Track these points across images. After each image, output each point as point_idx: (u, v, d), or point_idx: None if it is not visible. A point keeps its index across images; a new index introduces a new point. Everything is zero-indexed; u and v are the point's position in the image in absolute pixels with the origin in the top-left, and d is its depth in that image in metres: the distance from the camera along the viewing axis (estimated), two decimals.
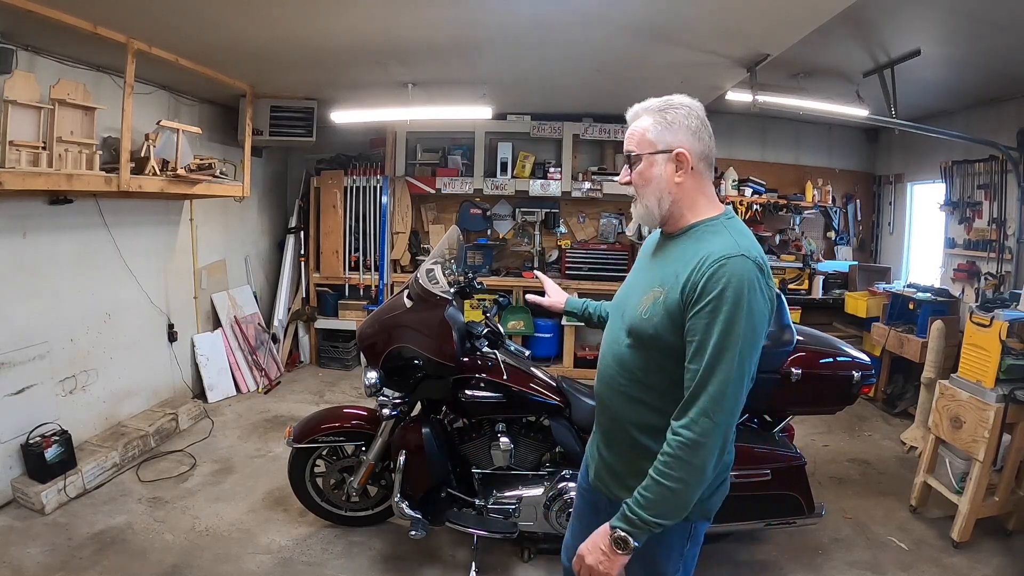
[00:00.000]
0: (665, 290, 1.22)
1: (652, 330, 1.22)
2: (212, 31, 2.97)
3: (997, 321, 2.72)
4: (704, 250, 1.18)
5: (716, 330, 1.11)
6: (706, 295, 1.13)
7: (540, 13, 2.69)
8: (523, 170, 5.43)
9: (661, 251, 1.35)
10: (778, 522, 2.46)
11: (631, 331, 1.29)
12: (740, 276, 1.12)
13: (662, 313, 1.21)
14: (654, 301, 1.24)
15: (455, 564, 2.62)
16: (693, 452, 1.12)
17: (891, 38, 3.32)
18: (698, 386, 1.13)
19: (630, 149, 1.31)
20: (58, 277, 3.28)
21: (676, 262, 1.24)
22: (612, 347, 1.37)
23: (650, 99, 1.32)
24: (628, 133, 1.33)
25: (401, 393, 2.52)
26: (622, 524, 1.17)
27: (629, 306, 1.34)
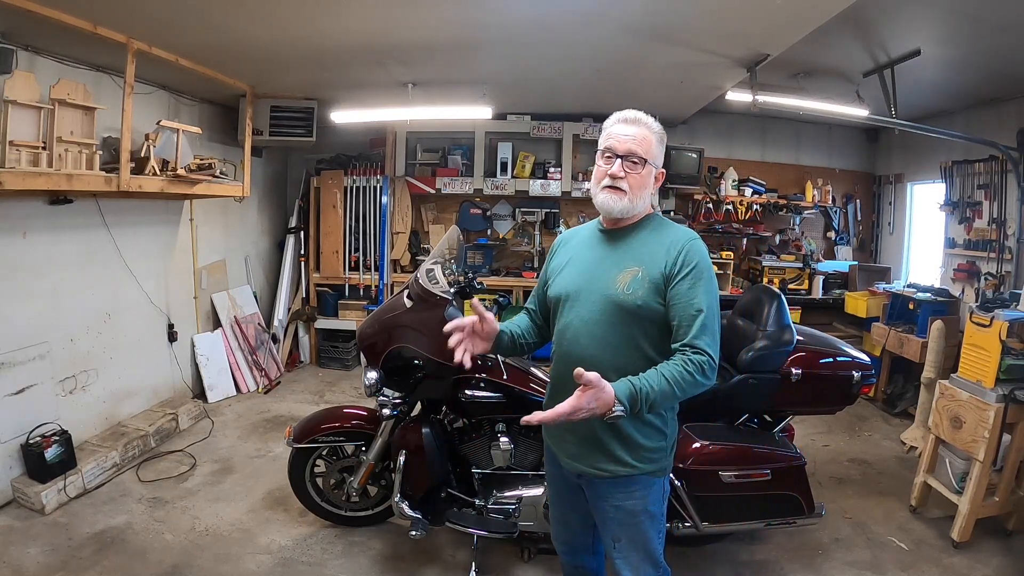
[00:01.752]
0: (642, 268, 1.49)
1: (639, 302, 1.47)
2: (212, 31, 2.97)
3: (997, 321, 2.72)
4: (669, 237, 1.53)
5: (700, 290, 1.45)
6: (686, 267, 1.46)
7: (540, 13, 2.69)
8: (523, 170, 5.43)
9: (616, 241, 1.58)
10: (778, 522, 2.45)
11: (613, 306, 1.49)
12: (702, 251, 1.51)
13: (646, 287, 1.47)
14: (633, 278, 1.49)
15: (455, 564, 2.62)
16: (701, 374, 1.39)
17: (891, 38, 3.32)
18: (699, 329, 1.42)
19: (637, 151, 1.51)
20: (58, 277, 3.28)
21: (644, 247, 1.53)
22: (587, 327, 1.52)
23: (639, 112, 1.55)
24: (634, 135, 1.51)
25: (401, 393, 2.52)
26: (626, 402, 1.32)
27: (599, 287, 1.52)
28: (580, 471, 1.60)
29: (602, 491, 1.59)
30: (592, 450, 1.55)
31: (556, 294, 1.62)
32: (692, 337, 1.41)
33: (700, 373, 1.39)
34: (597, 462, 1.55)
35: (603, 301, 1.50)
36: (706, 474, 2.30)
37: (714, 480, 2.31)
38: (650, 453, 1.54)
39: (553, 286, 1.65)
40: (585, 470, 1.58)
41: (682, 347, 1.42)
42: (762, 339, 2.47)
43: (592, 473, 1.56)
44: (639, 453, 1.53)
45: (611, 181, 1.51)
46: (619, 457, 1.52)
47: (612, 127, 1.56)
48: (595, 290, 1.53)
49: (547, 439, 1.74)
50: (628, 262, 1.52)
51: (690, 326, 1.42)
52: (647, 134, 1.53)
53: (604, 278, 1.53)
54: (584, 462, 1.57)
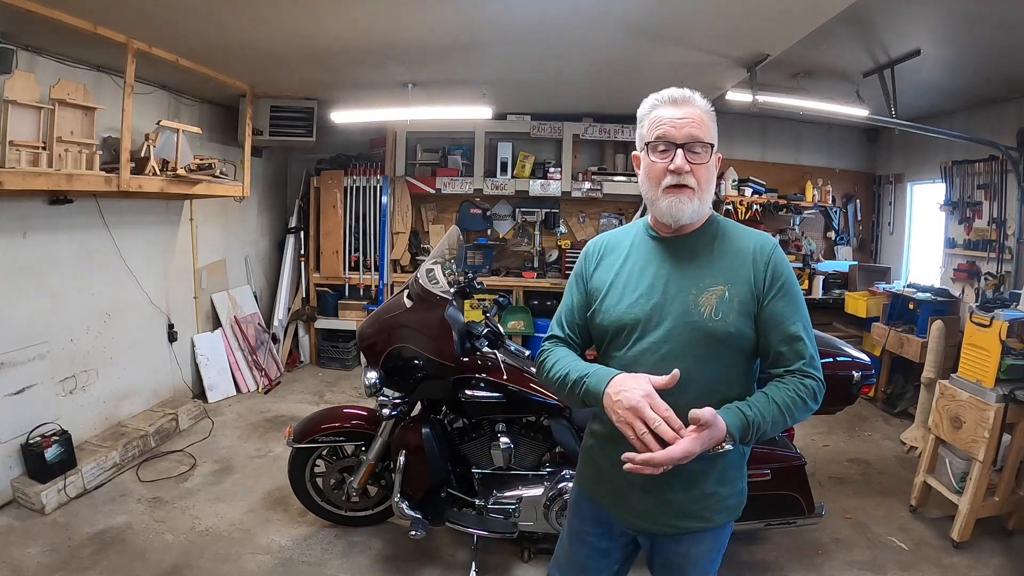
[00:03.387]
0: (728, 287, 1.25)
1: (732, 328, 1.23)
2: (212, 31, 2.97)
3: (997, 321, 2.72)
4: (749, 244, 1.29)
5: (794, 306, 1.26)
6: (777, 281, 1.26)
7: (540, 13, 2.69)
8: (523, 170, 5.43)
9: (682, 252, 1.31)
10: (778, 522, 2.46)
11: (699, 336, 1.24)
12: (786, 260, 1.31)
13: (737, 310, 1.24)
14: (720, 300, 1.24)
15: (455, 564, 2.62)
16: (812, 399, 1.24)
17: (891, 38, 3.32)
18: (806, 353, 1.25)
19: (703, 138, 1.23)
20: (58, 277, 3.28)
21: (722, 259, 1.28)
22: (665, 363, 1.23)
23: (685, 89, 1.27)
24: (690, 118, 1.23)
25: (401, 393, 2.52)
26: (738, 434, 1.16)
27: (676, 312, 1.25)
28: (645, 529, 1.37)
29: (668, 543, 1.37)
30: (666, 508, 1.32)
31: (614, 321, 1.32)
32: (803, 363, 1.24)
33: (812, 399, 1.23)
34: (672, 520, 1.33)
35: (685, 330, 1.24)
36: None
37: None
38: (728, 500, 1.35)
39: (606, 311, 1.34)
40: (654, 528, 1.35)
41: (788, 372, 1.25)
42: None
43: (664, 532, 1.35)
44: (720, 503, 1.33)
45: (676, 179, 1.23)
46: (698, 513, 1.32)
47: (659, 111, 1.26)
48: (671, 315, 1.26)
49: (593, 494, 1.44)
50: (708, 279, 1.26)
51: (794, 351, 1.24)
52: (702, 114, 1.25)
53: (681, 300, 1.26)
54: (653, 520, 1.34)
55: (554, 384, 1.37)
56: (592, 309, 1.38)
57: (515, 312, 5.27)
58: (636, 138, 1.33)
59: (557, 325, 1.47)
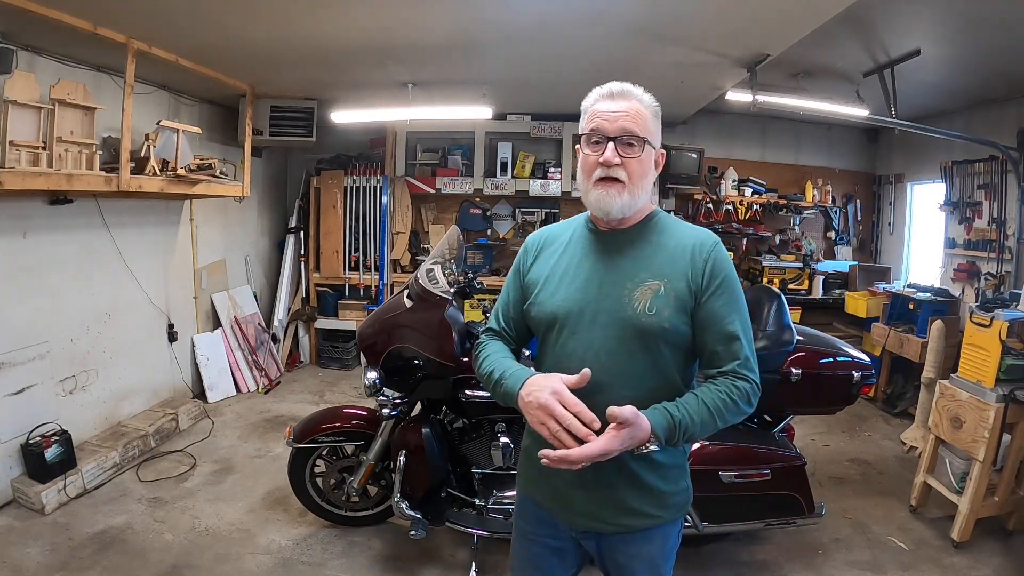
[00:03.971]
0: (664, 283, 1.23)
1: (666, 324, 1.21)
2: (212, 31, 2.97)
3: (997, 321, 2.72)
4: (688, 240, 1.27)
5: (733, 306, 1.24)
6: (715, 279, 1.23)
7: (540, 13, 2.69)
8: (523, 170, 5.43)
9: (620, 246, 1.29)
10: (778, 522, 2.46)
11: (632, 331, 1.22)
12: (727, 257, 1.28)
13: (673, 306, 1.21)
14: (655, 295, 1.22)
15: (455, 564, 2.62)
16: (745, 402, 1.22)
17: (891, 38, 3.32)
18: (741, 353, 1.23)
19: (636, 131, 1.22)
20: (58, 277, 3.28)
21: (659, 254, 1.27)
22: (599, 357, 1.23)
23: (627, 84, 1.27)
24: (626, 112, 1.22)
25: (401, 393, 2.52)
26: (663, 435, 1.14)
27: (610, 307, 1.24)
28: (589, 528, 1.34)
29: (616, 543, 1.34)
30: (608, 506, 1.29)
31: (548, 314, 1.30)
32: (737, 364, 1.22)
33: (745, 401, 1.21)
34: (615, 518, 1.30)
35: (618, 324, 1.23)
36: (706, 474, 2.30)
37: (714, 480, 2.31)
38: (674, 497, 1.33)
39: (540, 304, 1.32)
40: (599, 527, 1.32)
41: (721, 373, 1.23)
42: (762, 339, 2.47)
43: (608, 530, 1.32)
44: (664, 500, 1.31)
45: (605, 171, 1.22)
46: (642, 510, 1.29)
47: (597, 104, 1.26)
48: (604, 310, 1.24)
49: (535, 495, 1.40)
50: (644, 274, 1.24)
51: (729, 351, 1.22)
52: (640, 107, 1.24)
53: (615, 295, 1.24)
54: (596, 520, 1.31)
55: (483, 380, 1.35)
56: (528, 303, 1.36)
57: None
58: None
59: (494, 318, 1.46)
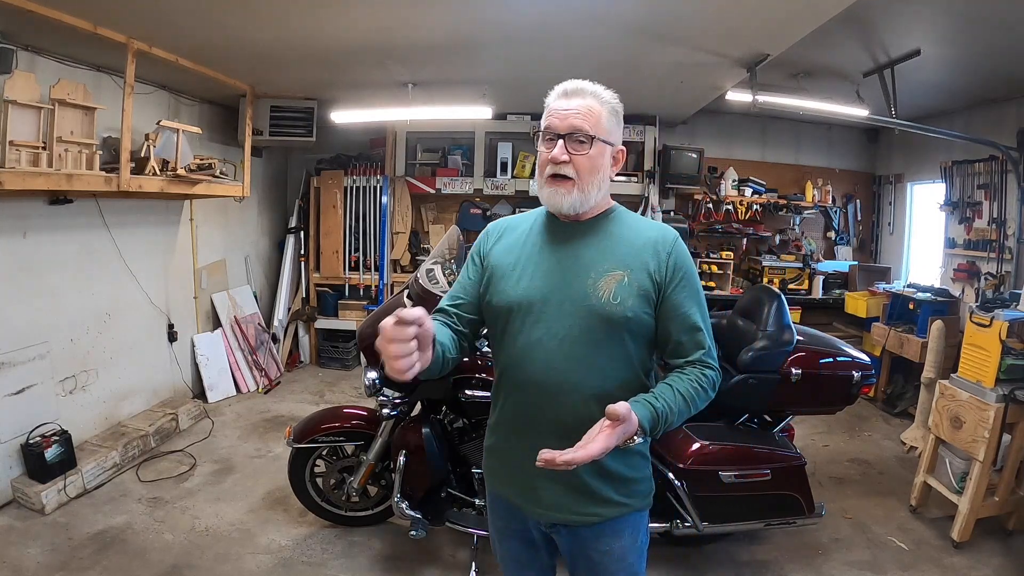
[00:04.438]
0: (628, 272, 1.25)
1: (630, 313, 1.23)
2: (212, 31, 2.97)
3: (997, 321, 2.72)
4: (650, 234, 1.30)
5: (695, 298, 1.28)
6: (678, 272, 1.27)
7: (540, 13, 2.69)
8: (523, 170, 5.43)
9: (582, 236, 1.30)
10: (778, 522, 2.45)
11: (596, 319, 1.23)
12: (687, 252, 1.32)
13: (636, 295, 1.24)
14: (619, 284, 1.24)
15: (455, 564, 2.62)
16: (711, 388, 1.27)
17: (891, 38, 3.32)
18: (705, 343, 1.28)
19: (584, 128, 1.23)
20: (58, 277, 3.27)
21: (622, 245, 1.29)
22: (563, 346, 1.24)
23: (584, 82, 1.28)
24: (576, 109, 1.24)
25: (401, 393, 2.52)
26: (648, 426, 1.15)
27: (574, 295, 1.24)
28: (558, 521, 1.34)
29: (587, 537, 1.34)
30: (575, 496, 1.29)
31: (508, 303, 1.29)
32: (702, 353, 1.27)
33: (712, 388, 1.27)
34: (582, 508, 1.30)
35: (583, 313, 1.23)
36: (706, 474, 2.31)
37: (714, 480, 2.31)
38: (638, 485, 1.35)
39: (500, 292, 1.31)
40: (566, 519, 1.32)
41: (688, 362, 1.27)
42: (762, 339, 2.47)
43: (576, 521, 1.32)
44: (628, 488, 1.32)
45: (554, 168, 1.24)
46: (608, 498, 1.30)
47: (552, 102, 1.28)
48: (569, 299, 1.25)
49: (501, 491, 1.41)
50: (608, 264, 1.26)
51: (694, 341, 1.27)
52: (594, 105, 1.25)
53: (578, 284, 1.25)
54: (565, 511, 1.31)
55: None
56: (487, 290, 1.34)
57: None
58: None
59: (447, 299, 1.42)
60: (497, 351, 1.36)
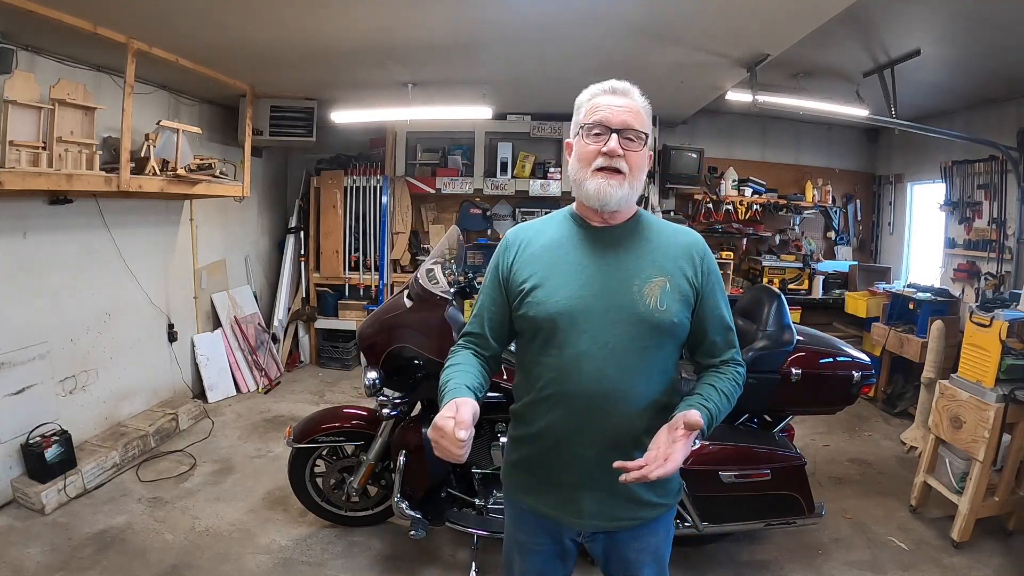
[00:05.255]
0: (669, 279, 1.26)
1: (675, 319, 1.25)
2: (212, 31, 2.97)
3: (997, 321, 2.72)
4: (682, 239, 1.34)
5: (724, 298, 1.36)
6: (712, 275, 1.33)
7: (540, 13, 2.69)
8: (523, 170, 5.43)
9: (618, 243, 1.29)
10: (778, 522, 2.45)
11: (646, 327, 1.23)
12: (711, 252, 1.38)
13: (678, 301, 1.26)
14: (663, 291, 1.24)
15: (455, 564, 2.62)
16: (743, 385, 1.34)
17: (891, 38, 3.32)
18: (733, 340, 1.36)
19: (635, 125, 1.23)
20: (58, 277, 3.27)
21: (659, 250, 1.30)
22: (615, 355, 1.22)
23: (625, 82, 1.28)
24: (628, 107, 1.24)
25: (401, 393, 2.52)
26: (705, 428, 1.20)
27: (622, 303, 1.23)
28: (599, 529, 1.34)
29: (625, 539, 1.35)
30: (620, 503, 1.30)
31: (548, 314, 1.24)
32: (734, 352, 1.34)
33: (743, 385, 1.34)
34: (626, 513, 1.31)
35: (632, 321, 1.22)
36: (706, 474, 2.31)
37: (714, 480, 2.31)
38: (672, 483, 1.36)
39: (537, 304, 1.26)
40: (608, 525, 1.32)
41: (723, 361, 1.33)
42: (762, 339, 2.47)
43: (617, 527, 1.33)
44: (665, 488, 1.34)
45: (607, 161, 1.21)
46: (649, 500, 1.31)
47: (598, 98, 1.26)
48: (615, 307, 1.23)
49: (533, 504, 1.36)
50: (649, 270, 1.25)
51: (727, 340, 1.34)
52: (641, 106, 1.27)
53: (623, 291, 1.24)
54: (607, 518, 1.31)
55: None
56: (520, 303, 1.29)
57: None
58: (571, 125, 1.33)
59: (475, 322, 1.39)
60: (533, 363, 1.31)
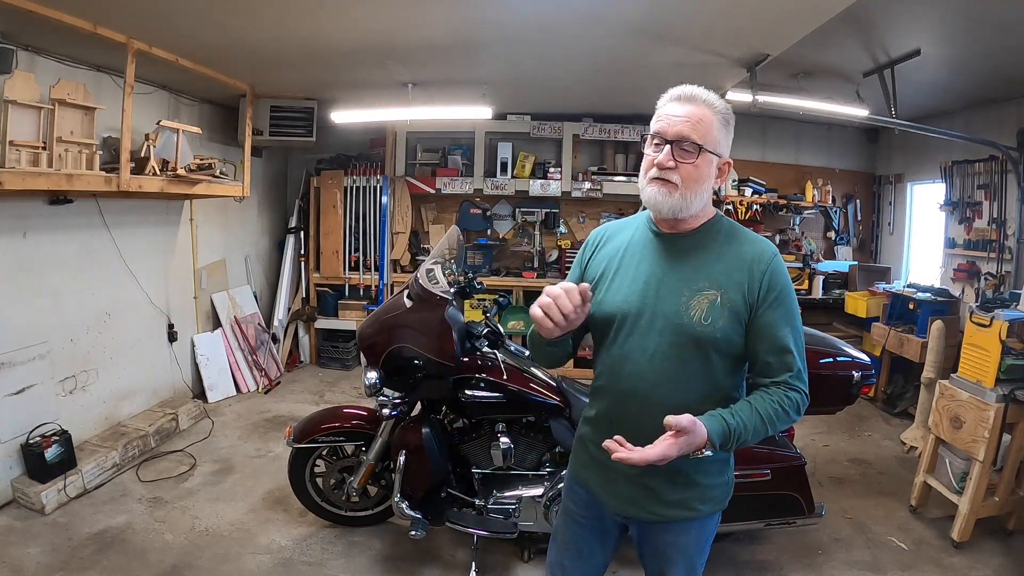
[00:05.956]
0: (721, 293, 1.26)
1: (719, 334, 1.25)
2: (212, 31, 2.97)
3: (997, 321, 2.72)
4: (749, 252, 1.29)
5: (788, 318, 1.27)
6: (772, 291, 1.26)
7: (540, 13, 2.69)
8: (523, 170, 5.43)
9: (680, 251, 1.32)
10: (778, 522, 2.46)
11: (686, 338, 1.26)
12: (785, 269, 1.30)
13: (728, 316, 1.25)
14: (711, 305, 1.25)
15: (455, 564, 2.62)
16: (795, 411, 1.26)
17: (891, 38, 3.32)
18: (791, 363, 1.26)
19: (692, 136, 1.23)
20: (58, 277, 3.27)
21: (719, 263, 1.29)
22: (653, 362, 1.28)
23: (698, 88, 1.27)
24: (687, 117, 1.24)
25: (401, 393, 2.52)
26: (718, 441, 1.18)
27: (667, 312, 1.27)
28: (632, 515, 1.40)
29: (655, 531, 1.41)
30: (645, 494, 1.35)
31: (607, 314, 1.34)
32: (789, 376, 1.26)
33: (795, 411, 1.26)
34: (651, 507, 1.36)
35: (673, 331, 1.27)
36: None
37: None
38: (713, 491, 1.38)
39: (600, 302, 1.36)
40: (638, 514, 1.39)
41: (774, 383, 1.27)
42: None
43: (647, 518, 1.38)
44: (701, 493, 1.36)
45: (658, 172, 1.25)
46: (675, 500, 1.35)
47: (664, 107, 1.29)
48: (661, 314, 1.28)
49: (587, 479, 1.47)
50: (702, 283, 1.27)
51: (783, 362, 1.26)
52: (705, 113, 1.25)
53: (672, 300, 1.28)
54: (636, 507, 1.38)
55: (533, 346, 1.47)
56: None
57: (515, 312, 5.27)
58: None
59: None
60: (596, 355, 1.43)
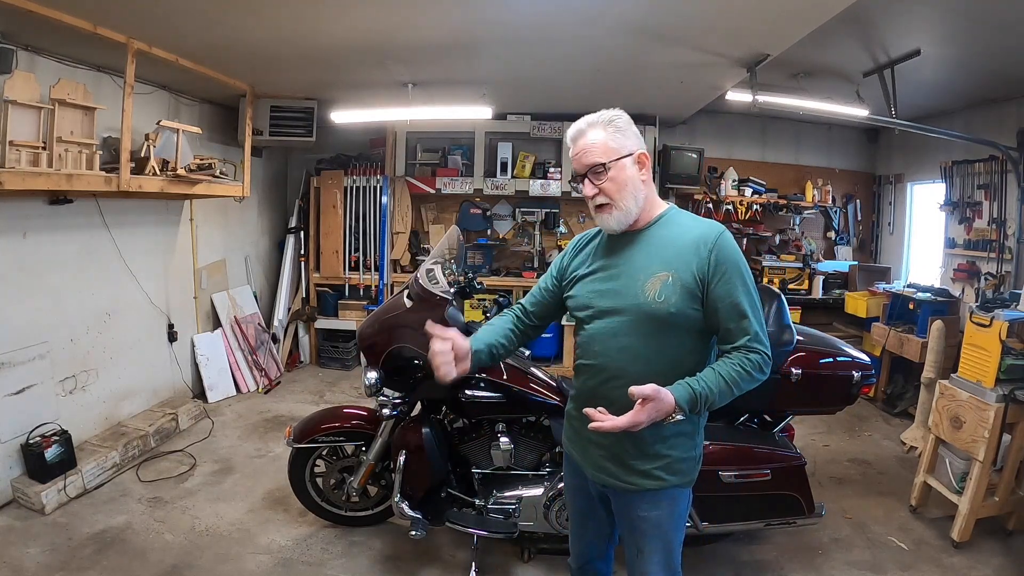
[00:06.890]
0: (672, 273, 1.40)
1: (673, 309, 1.39)
2: (212, 31, 2.98)
3: (997, 321, 2.72)
4: (695, 233, 1.44)
5: (742, 287, 1.40)
6: (722, 265, 1.39)
7: (540, 13, 2.69)
8: (523, 170, 5.43)
9: (637, 243, 1.49)
10: (778, 522, 2.45)
11: (643, 316, 1.42)
12: (733, 244, 1.44)
13: (680, 293, 1.39)
14: (663, 284, 1.40)
15: (455, 564, 2.62)
16: (757, 371, 1.39)
17: (891, 38, 3.32)
18: (747, 327, 1.39)
19: (595, 161, 1.43)
20: (58, 277, 3.28)
21: (669, 247, 1.44)
22: (615, 339, 1.46)
23: (581, 120, 1.47)
24: (583, 149, 1.44)
25: (401, 393, 2.52)
26: (687, 405, 1.32)
27: (627, 296, 1.44)
28: (606, 483, 1.56)
29: (629, 503, 1.55)
30: (620, 464, 1.51)
31: (579, 304, 1.55)
32: (747, 339, 1.38)
33: (757, 370, 1.38)
34: (622, 476, 1.51)
35: (632, 311, 1.43)
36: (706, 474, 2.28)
37: (714, 480, 2.31)
38: (679, 464, 1.51)
39: (575, 296, 1.58)
40: (613, 483, 1.54)
41: (734, 348, 1.39)
42: None
43: (620, 487, 1.53)
44: (667, 465, 1.49)
45: (591, 201, 1.47)
46: (648, 471, 1.49)
47: (570, 152, 1.50)
48: (623, 299, 1.45)
49: (570, 450, 1.68)
50: (655, 267, 1.43)
51: (740, 327, 1.39)
52: (594, 134, 1.44)
53: (631, 285, 1.44)
54: (611, 475, 1.53)
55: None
56: (568, 292, 1.62)
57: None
58: None
59: (529, 295, 1.75)
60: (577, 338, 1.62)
